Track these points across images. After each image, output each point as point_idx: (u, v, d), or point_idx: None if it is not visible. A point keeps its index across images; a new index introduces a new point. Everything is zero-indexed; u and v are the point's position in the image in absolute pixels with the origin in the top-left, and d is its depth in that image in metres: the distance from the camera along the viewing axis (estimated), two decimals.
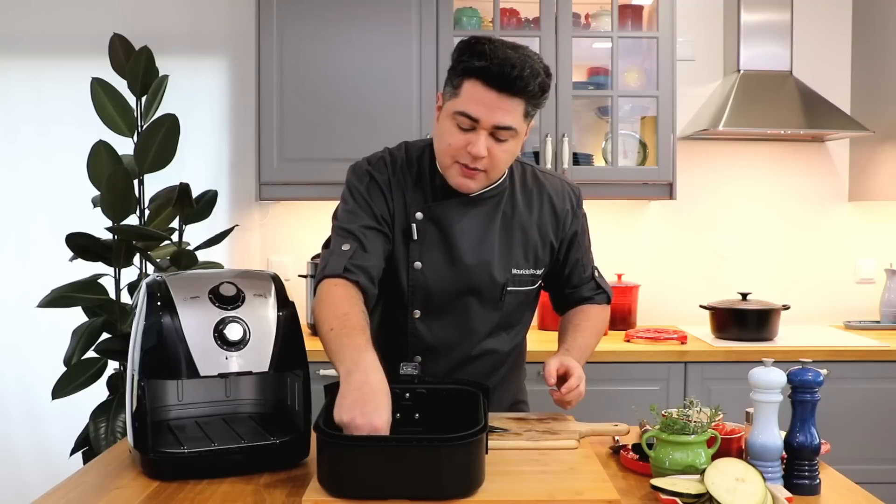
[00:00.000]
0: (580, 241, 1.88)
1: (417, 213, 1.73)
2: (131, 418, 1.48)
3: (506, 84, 1.58)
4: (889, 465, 2.93)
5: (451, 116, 1.64)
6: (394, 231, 1.74)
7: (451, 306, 1.75)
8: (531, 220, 1.80)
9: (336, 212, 1.79)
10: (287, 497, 1.37)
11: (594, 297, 1.92)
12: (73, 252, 2.74)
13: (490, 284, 1.76)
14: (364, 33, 3.09)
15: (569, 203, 1.84)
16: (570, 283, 1.90)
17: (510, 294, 1.79)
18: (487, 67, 1.58)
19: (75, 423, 2.87)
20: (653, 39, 3.16)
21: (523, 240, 1.79)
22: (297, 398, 1.55)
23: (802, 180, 3.53)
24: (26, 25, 3.39)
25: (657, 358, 2.89)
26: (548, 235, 1.81)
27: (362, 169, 1.77)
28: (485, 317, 1.79)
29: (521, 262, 1.79)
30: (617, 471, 1.52)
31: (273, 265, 3.40)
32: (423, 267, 1.73)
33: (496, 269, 1.75)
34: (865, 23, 3.43)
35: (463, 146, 1.63)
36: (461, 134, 1.63)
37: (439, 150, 1.70)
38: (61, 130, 3.35)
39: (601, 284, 1.94)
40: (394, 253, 1.74)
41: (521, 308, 1.85)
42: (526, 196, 1.81)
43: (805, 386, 1.43)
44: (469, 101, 1.61)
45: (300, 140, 3.09)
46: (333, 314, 1.57)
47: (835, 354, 2.90)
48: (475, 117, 1.61)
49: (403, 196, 1.74)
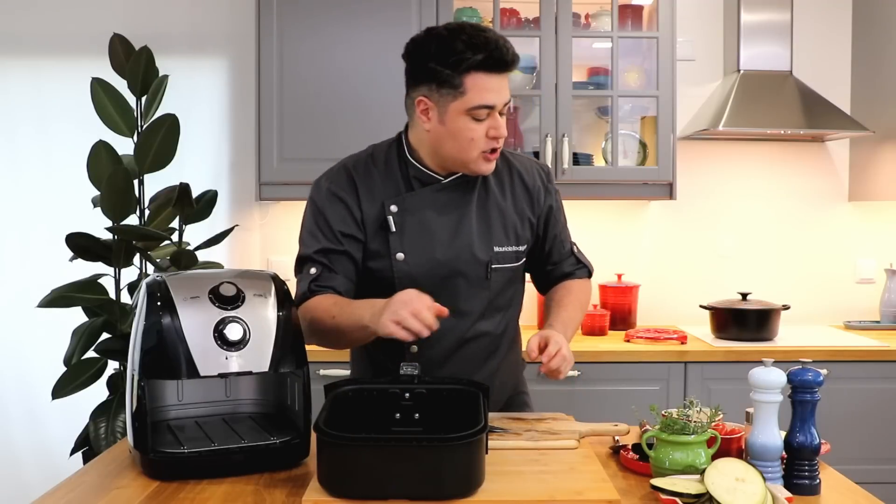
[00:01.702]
0: (556, 216, 1.92)
1: (392, 206, 1.76)
2: (131, 418, 1.48)
3: (505, 65, 1.67)
4: (889, 465, 2.93)
5: (464, 114, 1.68)
6: (366, 230, 1.77)
7: (439, 291, 1.74)
8: (506, 199, 1.84)
9: (300, 232, 1.82)
10: (287, 497, 1.37)
11: (575, 273, 1.97)
12: (73, 252, 2.74)
13: (474, 264, 1.79)
14: (364, 33, 3.09)
15: (539, 179, 1.90)
16: (550, 260, 1.94)
17: (496, 272, 1.82)
18: (489, 57, 1.64)
19: (75, 423, 2.87)
20: (653, 39, 3.16)
21: (501, 218, 1.83)
22: (297, 398, 1.55)
23: (802, 180, 3.53)
24: (26, 25, 3.38)
25: (657, 358, 2.89)
26: (524, 212, 1.86)
27: (321, 187, 1.80)
28: (474, 297, 1.81)
29: (502, 239, 1.82)
30: (617, 471, 1.52)
31: (273, 265, 3.40)
32: (406, 257, 1.76)
33: (477, 248, 1.79)
34: (865, 23, 3.43)
35: (485, 135, 1.70)
36: (479, 125, 1.69)
37: (460, 148, 1.72)
38: (61, 130, 3.35)
39: (581, 259, 1.98)
40: (375, 249, 1.77)
41: (509, 287, 1.87)
42: (497, 177, 1.85)
43: (805, 386, 1.43)
44: (481, 93, 1.66)
45: (300, 140, 3.09)
46: (325, 311, 1.67)
47: (835, 354, 2.90)
48: (491, 105, 1.67)
49: (373, 193, 1.78)
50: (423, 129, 1.75)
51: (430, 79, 1.69)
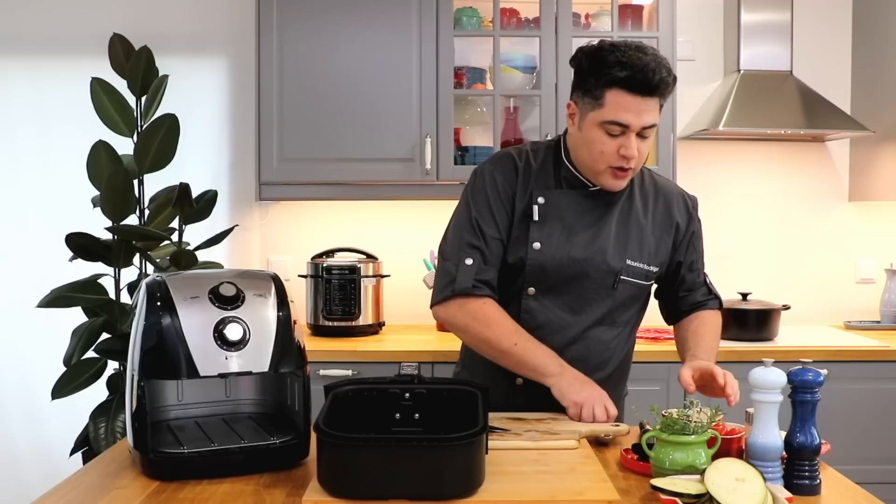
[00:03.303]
0: (695, 244, 1.96)
1: (539, 198, 1.84)
2: (131, 418, 1.48)
3: (649, 89, 1.70)
4: (889, 465, 2.93)
5: (599, 126, 1.75)
6: (514, 215, 1.84)
7: (565, 287, 1.84)
8: (647, 217, 1.89)
9: (458, 212, 1.89)
10: (287, 497, 1.36)
11: (707, 303, 1.99)
12: (72, 252, 2.74)
13: (604, 269, 1.84)
14: (364, 33, 3.09)
15: (685, 206, 1.95)
16: (683, 287, 1.97)
17: (623, 283, 1.86)
18: (632, 76, 1.69)
19: (75, 423, 2.87)
20: (653, 39, 3.15)
21: (639, 234, 1.87)
22: (297, 398, 1.55)
23: (802, 180, 3.53)
24: (26, 25, 3.38)
25: (657, 358, 2.89)
26: (663, 235, 1.90)
27: (487, 171, 1.88)
28: (597, 302, 1.86)
29: (636, 254, 1.86)
30: (617, 471, 1.52)
31: (273, 265, 3.40)
32: (542, 247, 1.83)
33: (611, 256, 1.84)
34: (865, 23, 3.43)
35: (615, 151, 1.75)
36: (612, 140, 1.75)
37: (591, 158, 1.79)
38: (61, 130, 3.35)
39: (713, 290, 2.01)
40: (515, 236, 1.84)
41: (633, 305, 1.91)
42: (643, 196, 1.91)
43: (805, 386, 1.43)
44: (617, 110, 1.72)
45: (300, 140, 3.09)
46: (507, 331, 1.81)
47: (835, 354, 2.90)
48: (625, 124, 1.72)
49: (528, 182, 1.85)
50: (570, 132, 1.83)
51: (580, 86, 1.78)
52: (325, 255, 3.23)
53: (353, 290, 3.10)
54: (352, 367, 2.84)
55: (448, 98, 3.10)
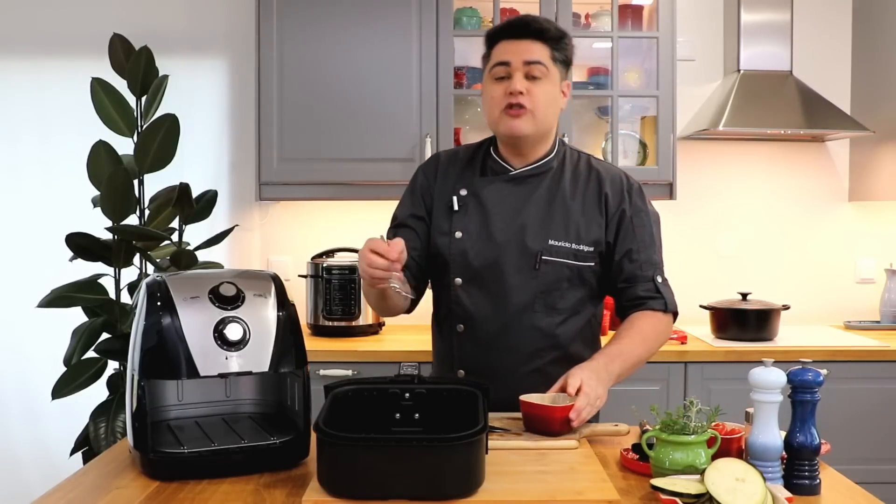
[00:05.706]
0: (631, 230, 1.88)
1: (462, 190, 1.91)
2: (131, 418, 1.48)
3: (527, 32, 1.81)
4: (889, 465, 2.93)
5: (490, 78, 1.85)
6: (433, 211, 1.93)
7: (488, 274, 1.86)
8: (575, 198, 1.89)
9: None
10: (287, 497, 1.37)
11: (648, 302, 1.87)
12: (73, 252, 2.74)
13: (523, 252, 1.84)
14: (364, 33, 3.09)
15: (620, 186, 1.92)
16: (621, 277, 1.88)
17: (547, 264, 1.84)
18: (508, 25, 1.85)
19: (75, 423, 2.87)
20: (653, 39, 3.16)
21: (564, 214, 1.87)
22: (297, 398, 1.55)
23: (802, 180, 3.53)
24: (26, 25, 3.38)
25: (657, 358, 2.85)
26: (594, 214, 1.88)
27: (417, 172, 2.01)
28: (521, 286, 1.85)
29: (560, 234, 1.86)
30: (617, 471, 1.52)
31: (273, 265, 3.40)
32: (463, 235, 1.88)
33: (530, 237, 1.85)
34: (865, 23, 3.43)
35: (503, 92, 1.82)
36: (500, 84, 1.83)
37: (488, 110, 1.87)
38: (61, 130, 3.35)
39: (661, 290, 1.89)
40: (439, 226, 1.91)
41: (570, 289, 1.86)
42: (574, 177, 1.92)
43: (805, 386, 1.43)
44: (499, 54, 1.83)
45: (300, 140, 3.09)
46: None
47: (835, 354, 2.90)
48: (506, 60, 1.81)
49: (450, 177, 1.93)
50: None
51: (483, 64, 1.90)
52: (325, 255, 3.23)
53: (353, 290, 3.10)
54: (352, 367, 2.84)
55: (448, 98, 3.10)
